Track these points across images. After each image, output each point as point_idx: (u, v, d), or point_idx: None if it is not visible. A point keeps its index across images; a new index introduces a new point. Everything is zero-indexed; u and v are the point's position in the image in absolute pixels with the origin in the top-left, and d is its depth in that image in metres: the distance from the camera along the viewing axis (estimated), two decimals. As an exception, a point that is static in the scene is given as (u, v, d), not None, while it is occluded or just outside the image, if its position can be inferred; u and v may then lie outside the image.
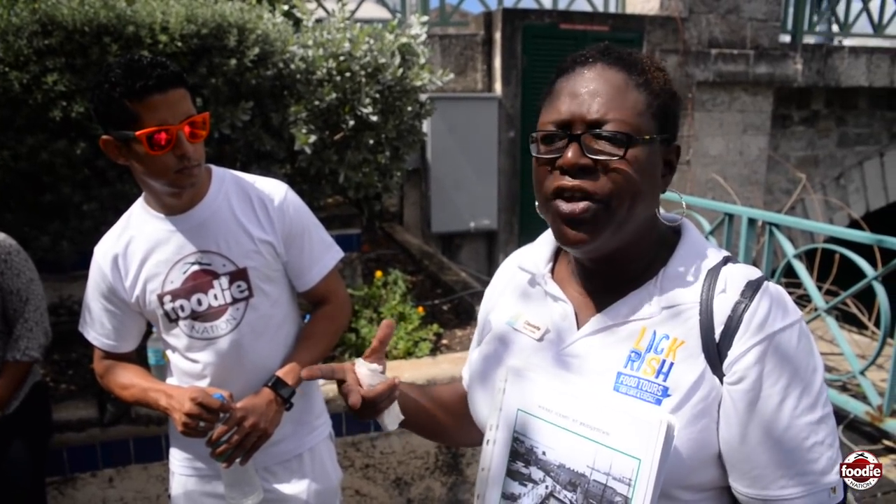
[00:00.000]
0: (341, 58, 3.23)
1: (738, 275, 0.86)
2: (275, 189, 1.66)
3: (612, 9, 6.75)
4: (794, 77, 6.82)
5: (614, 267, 0.92)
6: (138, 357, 1.79)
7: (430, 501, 3.06)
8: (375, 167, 3.46)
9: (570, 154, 0.84)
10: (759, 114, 6.87)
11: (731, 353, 0.82)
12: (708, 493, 0.87)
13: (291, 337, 1.74)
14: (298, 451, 1.75)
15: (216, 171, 1.65)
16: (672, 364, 0.85)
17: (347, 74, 3.23)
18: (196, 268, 1.58)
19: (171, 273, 1.58)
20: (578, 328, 0.94)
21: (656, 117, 0.86)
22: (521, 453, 0.90)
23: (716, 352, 0.83)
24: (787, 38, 7.04)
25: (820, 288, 3.93)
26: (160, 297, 1.59)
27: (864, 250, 3.40)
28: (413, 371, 2.93)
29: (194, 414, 1.47)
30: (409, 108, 3.48)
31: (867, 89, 7.32)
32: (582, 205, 0.84)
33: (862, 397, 3.47)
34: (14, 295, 2.15)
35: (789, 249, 3.79)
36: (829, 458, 0.82)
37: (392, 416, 1.02)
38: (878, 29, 7.43)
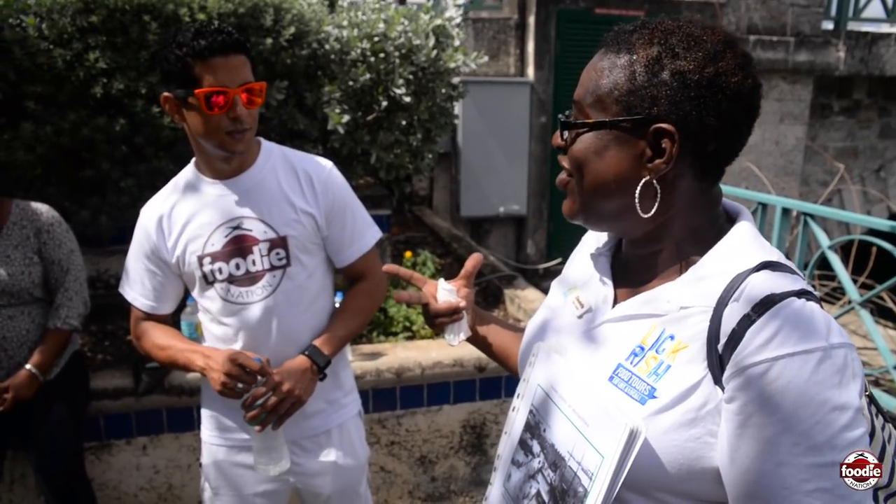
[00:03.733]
0: (375, 38, 3.24)
1: (763, 285, 0.77)
2: (321, 164, 1.72)
3: (649, -7, 6.63)
4: (835, 65, 6.65)
5: (645, 256, 0.91)
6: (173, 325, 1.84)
7: (453, 480, 3.10)
8: (407, 148, 3.47)
9: (556, 134, 0.91)
10: (798, 103, 6.72)
11: (729, 369, 0.76)
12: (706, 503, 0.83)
13: (324, 312, 1.77)
14: (327, 427, 1.78)
15: (265, 143, 1.71)
16: (669, 367, 0.81)
17: (381, 55, 3.24)
18: (238, 232, 1.62)
19: (212, 236, 1.62)
20: None
21: (621, 101, 0.82)
22: (531, 426, 0.94)
23: (718, 363, 0.77)
24: (830, 25, 6.86)
25: (855, 281, 3.85)
26: (200, 259, 1.63)
27: (902, 243, 3.32)
28: (440, 351, 2.96)
29: (233, 374, 1.51)
30: (443, 91, 3.48)
31: (912, 79, 7.10)
32: (562, 175, 0.91)
33: (895, 392, 3.41)
34: (55, 265, 2.22)
35: (824, 241, 3.72)
36: None
37: (452, 334, 1.17)
38: (927, 17, 7.20)
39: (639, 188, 0.84)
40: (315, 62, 3.23)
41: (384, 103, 3.31)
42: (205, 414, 1.81)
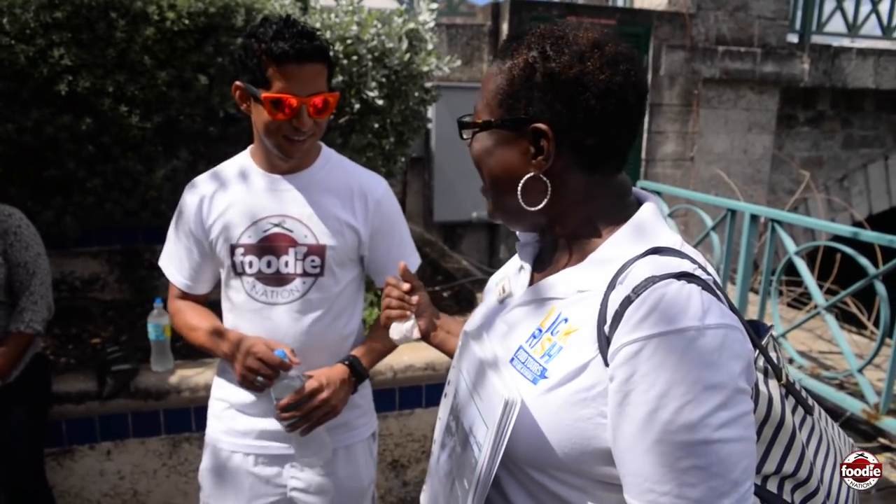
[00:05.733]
0: (348, 41, 3.23)
1: (647, 268, 0.80)
2: (377, 182, 1.69)
3: (620, 2, 6.73)
4: (800, 77, 6.80)
5: (551, 244, 0.97)
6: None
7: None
8: (380, 152, 3.46)
9: None
10: (765, 112, 6.86)
11: (610, 349, 0.78)
12: (605, 484, 0.84)
13: (348, 330, 1.70)
14: (334, 447, 1.69)
15: (325, 148, 1.68)
16: (561, 348, 0.84)
17: (354, 58, 3.22)
18: (277, 230, 1.59)
19: (251, 227, 1.59)
20: None
21: (503, 104, 0.89)
22: (453, 408, 0.99)
23: (606, 344, 0.79)
24: (795, 38, 7.02)
25: (821, 286, 3.92)
26: (233, 248, 1.59)
27: (865, 252, 3.40)
28: (412, 354, 2.94)
29: (252, 368, 1.48)
30: (416, 94, 3.48)
31: (874, 91, 7.30)
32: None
33: (859, 395, 3.47)
34: (21, 268, 2.16)
35: (791, 247, 3.79)
36: (712, 489, 0.72)
37: (396, 331, 1.21)
38: (887, 31, 7.41)
39: (521, 184, 0.89)
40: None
41: (357, 106, 3.30)
42: (216, 409, 1.73)
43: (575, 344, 0.83)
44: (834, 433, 0.97)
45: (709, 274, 0.84)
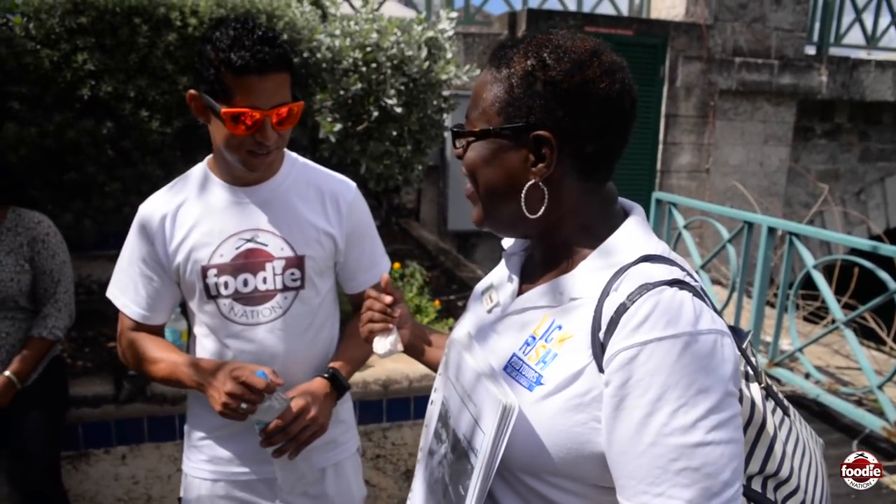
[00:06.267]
0: (368, 49, 3.23)
1: (640, 275, 0.82)
2: (347, 185, 1.61)
3: (636, 13, 6.73)
4: (818, 89, 6.77)
5: (543, 252, 0.97)
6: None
7: (438, 495, 3.05)
8: (397, 159, 3.46)
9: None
10: (781, 125, 6.83)
11: (606, 355, 0.80)
12: (598, 488, 0.85)
13: (329, 341, 1.63)
14: (322, 466, 1.62)
15: (289, 154, 1.57)
16: (556, 355, 0.85)
17: (373, 65, 3.23)
18: (251, 245, 1.47)
19: (222, 246, 1.46)
20: None
21: (502, 112, 0.88)
22: (442, 415, 1.00)
23: (600, 351, 0.81)
24: (812, 50, 6.99)
25: (838, 301, 3.88)
26: (204, 269, 1.46)
27: (884, 266, 3.36)
28: (427, 364, 2.93)
29: (236, 394, 1.33)
30: (434, 102, 3.48)
31: (893, 104, 7.25)
32: (467, 185, 0.96)
33: (878, 413, 3.43)
34: (47, 275, 2.18)
35: (809, 260, 3.75)
36: (704, 489, 0.74)
37: (380, 345, 1.16)
38: (906, 44, 7.36)
39: (524, 191, 0.89)
40: (306, 70, 3.22)
41: (375, 113, 3.31)
42: (190, 440, 1.60)
43: (570, 351, 0.84)
44: (807, 434, 1.00)
45: (696, 280, 0.86)
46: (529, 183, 0.88)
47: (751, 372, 0.90)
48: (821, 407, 3.72)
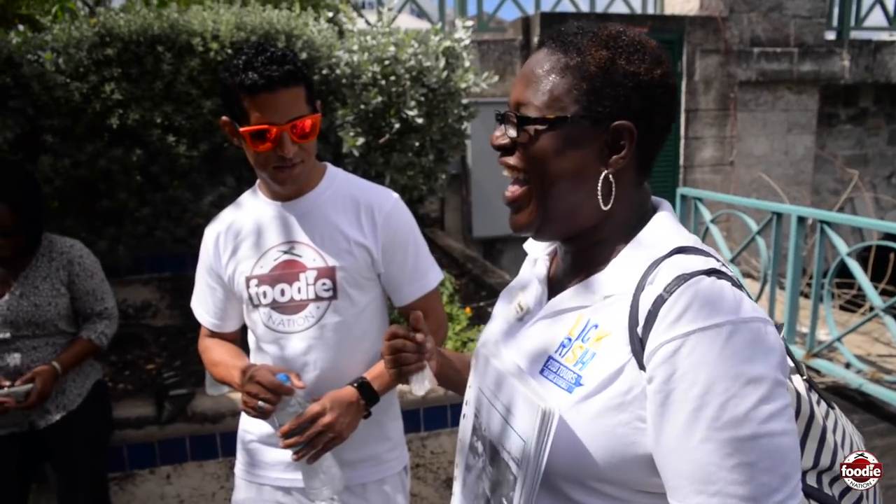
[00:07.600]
0: (386, 62, 3.27)
1: (675, 267, 0.80)
2: (385, 196, 1.63)
3: (650, 10, 6.70)
4: (840, 74, 6.67)
5: (578, 252, 0.94)
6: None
7: (479, 502, 3.05)
8: (420, 170, 3.48)
9: (496, 133, 0.92)
10: (805, 112, 6.73)
11: (646, 350, 0.77)
12: (645, 493, 0.82)
13: (372, 354, 1.63)
14: (363, 481, 1.65)
15: (331, 168, 1.64)
16: (594, 354, 0.83)
17: (392, 78, 3.26)
18: (288, 257, 1.56)
19: (262, 258, 1.57)
20: None
21: (580, 100, 0.85)
22: (476, 428, 0.97)
23: (640, 346, 0.78)
24: (832, 35, 6.89)
25: (875, 288, 3.80)
26: (247, 280, 1.58)
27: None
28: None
29: (252, 392, 1.43)
30: (454, 111, 3.50)
31: (918, 85, 7.11)
32: (514, 188, 0.92)
33: (923, 399, 3.35)
34: (90, 295, 2.24)
35: (842, 248, 3.69)
36: (762, 485, 0.70)
37: (417, 383, 1.10)
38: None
39: (600, 182, 0.87)
40: (327, 87, 3.26)
41: (396, 125, 3.33)
42: (241, 444, 1.70)
43: (608, 349, 0.82)
44: (851, 427, 0.97)
45: (731, 271, 0.84)
46: (602, 175, 0.86)
47: (791, 364, 0.87)
48: (864, 397, 3.65)
